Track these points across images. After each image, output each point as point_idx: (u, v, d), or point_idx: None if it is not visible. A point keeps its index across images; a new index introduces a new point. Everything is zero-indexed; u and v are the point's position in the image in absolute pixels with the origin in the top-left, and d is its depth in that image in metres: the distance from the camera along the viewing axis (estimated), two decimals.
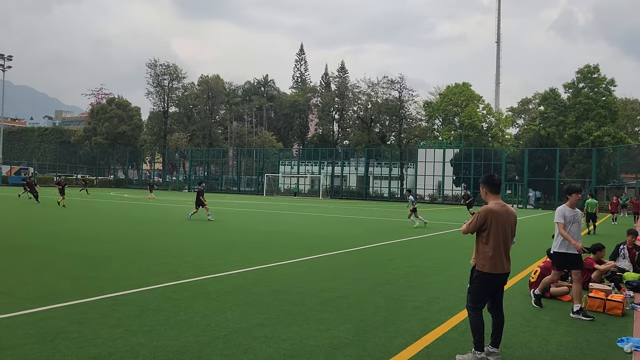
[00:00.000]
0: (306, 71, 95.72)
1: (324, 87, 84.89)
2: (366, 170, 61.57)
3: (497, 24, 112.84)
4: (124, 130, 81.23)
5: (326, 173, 63.71)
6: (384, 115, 69.53)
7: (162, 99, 79.47)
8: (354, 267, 10.11)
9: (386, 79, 67.46)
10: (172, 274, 8.59)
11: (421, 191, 56.58)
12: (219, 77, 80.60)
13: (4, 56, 61.71)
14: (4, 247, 11.29)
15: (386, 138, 72.30)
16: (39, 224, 16.82)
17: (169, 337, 5.22)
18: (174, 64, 79.87)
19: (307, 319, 6.11)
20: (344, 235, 16.66)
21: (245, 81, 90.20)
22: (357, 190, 61.46)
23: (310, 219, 23.61)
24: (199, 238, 14.26)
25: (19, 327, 5.37)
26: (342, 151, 66.16)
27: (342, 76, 78.75)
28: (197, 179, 73.85)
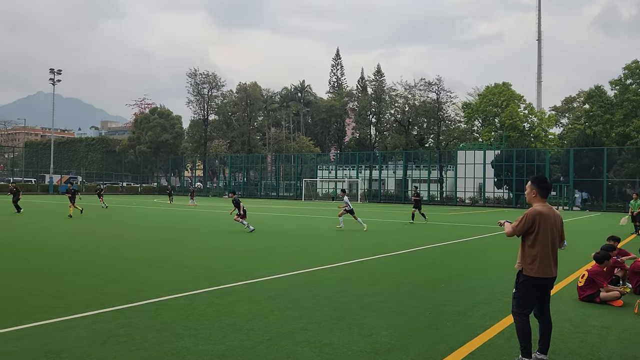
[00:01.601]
0: (342, 76, 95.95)
1: (360, 91, 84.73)
2: (404, 173, 61.02)
3: (538, 21, 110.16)
4: (166, 138, 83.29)
5: (364, 177, 63.46)
6: (422, 117, 68.78)
7: (202, 107, 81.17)
8: (395, 272, 10.04)
9: (423, 81, 66.82)
10: (214, 279, 8.74)
11: (462, 194, 55.62)
12: (256, 84, 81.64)
13: (54, 70, 64.33)
14: (54, 252, 11.74)
15: (424, 140, 71.48)
16: (84, 230, 17.41)
17: (214, 341, 5.32)
18: (213, 73, 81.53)
19: (349, 323, 6.11)
20: (384, 239, 16.56)
21: (282, 87, 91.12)
22: (396, 194, 60.95)
23: (349, 223, 23.55)
24: (239, 243, 14.45)
25: (72, 330, 5.58)
26: (380, 155, 65.75)
27: (378, 79, 78.40)
28: (237, 185, 74.99)
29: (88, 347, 5.04)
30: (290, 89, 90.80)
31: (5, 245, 13.12)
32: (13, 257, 10.98)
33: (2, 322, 5.82)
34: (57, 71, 64.58)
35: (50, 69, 64.26)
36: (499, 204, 52.38)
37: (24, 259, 10.71)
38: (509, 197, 53.13)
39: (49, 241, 14.05)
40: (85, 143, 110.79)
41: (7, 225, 18.77)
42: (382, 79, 79.17)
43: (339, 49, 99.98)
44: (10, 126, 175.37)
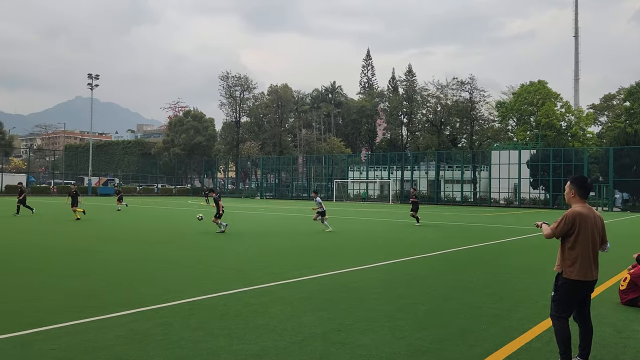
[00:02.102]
0: (373, 76, 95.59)
1: (391, 91, 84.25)
2: (437, 174, 60.32)
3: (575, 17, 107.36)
4: (199, 141, 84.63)
5: (395, 178, 63.04)
6: (454, 117, 67.88)
7: (234, 110, 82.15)
8: (429, 273, 9.92)
9: (455, 81, 65.95)
10: (247, 280, 8.81)
11: (496, 194, 54.60)
12: (287, 86, 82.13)
13: (92, 75, 66.18)
14: (87, 252, 12.05)
15: (457, 140, 70.51)
16: (117, 230, 17.82)
17: (248, 340, 5.36)
18: (244, 76, 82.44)
19: (383, 325, 6.06)
20: (417, 240, 16.39)
21: (313, 89, 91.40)
22: (428, 195, 60.28)
23: (381, 224, 23.43)
24: (271, 244, 14.53)
25: (110, 329, 5.71)
26: (412, 155, 65.18)
27: (409, 79, 77.80)
28: (269, 186, 75.53)
29: (126, 345, 5.14)
30: (321, 90, 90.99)
31: (41, 245, 13.54)
32: (47, 257, 11.32)
33: (41, 320, 6.00)
34: (94, 76, 66.38)
35: (89, 74, 66.10)
36: (535, 205, 51.20)
37: (58, 259, 11.03)
38: (546, 198, 51.87)
39: (83, 241, 14.42)
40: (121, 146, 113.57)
41: (43, 226, 19.37)
42: (413, 78, 78.57)
43: (370, 49, 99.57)
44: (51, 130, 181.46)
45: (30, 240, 14.49)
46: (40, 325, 5.78)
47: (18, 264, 10.29)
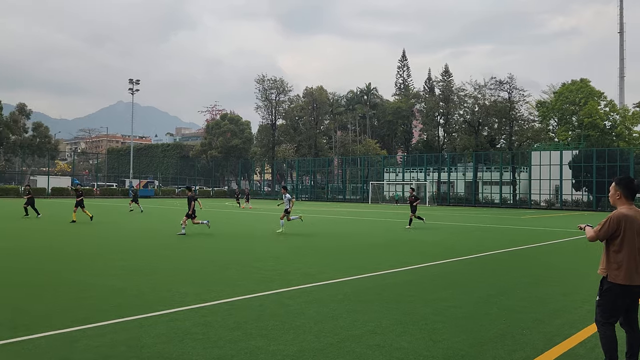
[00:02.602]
0: (409, 77, 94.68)
1: (427, 92, 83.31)
2: (475, 175, 59.27)
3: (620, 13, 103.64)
4: (236, 143, 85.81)
5: (432, 179, 62.29)
6: (493, 117, 66.53)
7: (270, 112, 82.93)
8: (467, 276, 9.77)
9: (494, 80, 64.67)
10: (283, 281, 8.88)
11: (536, 196, 53.25)
12: (322, 88, 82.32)
13: (132, 81, 68.10)
14: (131, 252, 12.38)
15: (495, 141, 69.07)
16: (155, 231, 18.23)
17: (285, 341, 5.41)
18: (280, 79, 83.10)
19: (420, 328, 6.01)
20: (454, 243, 16.16)
21: (348, 90, 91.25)
22: (466, 197, 59.31)
23: (418, 226, 23.19)
24: (307, 246, 14.60)
25: (152, 327, 5.86)
26: (449, 156, 64.27)
27: (446, 80, 76.73)
28: (304, 188, 75.85)
29: (167, 343, 5.27)
30: (356, 92, 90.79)
31: (88, 244, 13.99)
32: (92, 256, 11.68)
33: (87, 318, 6.21)
34: (135, 81, 68.26)
35: (130, 80, 68.04)
36: (578, 207, 49.68)
37: (103, 258, 11.37)
38: (589, 200, 50.27)
39: (126, 241, 14.83)
40: (161, 149, 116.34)
41: (88, 227, 20.00)
42: (450, 79, 77.46)
43: (405, 50, 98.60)
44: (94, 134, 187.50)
45: (76, 240, 15.00)
46: (86, 322, 5.98)
47: (65, 263, 10.68)
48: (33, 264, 10.45)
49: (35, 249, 13.05)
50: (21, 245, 13.73)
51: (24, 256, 11.63)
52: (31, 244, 14.08)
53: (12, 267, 10.06)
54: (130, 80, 68.05)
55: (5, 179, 78.40)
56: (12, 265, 10.30)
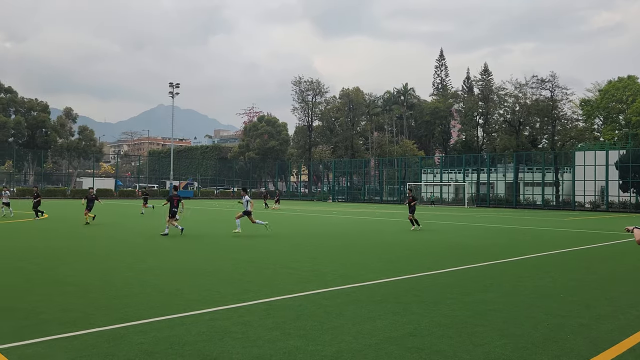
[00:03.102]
0: (447, 77, 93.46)
1: (466, 91, 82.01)
2: (515, 176, 57.91)
3: None
4: (273, 145, 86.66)
5: (471, 180, 61.22)
6: (534, 117, 64.88)
7: (307, 114, 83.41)
8: (507, 279, 9.56)
9: (535, 79, 63.07)
10: (321, 282, 8.91)
11: (580, 197, 51.58)
12: (359, 89, 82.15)
13: (173, 84, 69.70)
14: (173, 252, 12.66)
15: (537, 141, 67.32)
16: (195, 231, 18.57)
17: (323, 342, 5.42)
18: (316, 80, 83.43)
19: (459, 331, 5.92)
20: (494, 245, 15.84)
21: (385, 91, 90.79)
22: (506, 198, 58.01)
23: (456, 228, 22.84)
24: (343, 247, 14.59)
25: (192, 325, 5.98)
26: (488, 157, 63.01)
27: (485, 79, 75.30)
28: (340, 189, 75.82)
29: (207, 342, 5.37)
30: (393, 93, 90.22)
31: (129, 244, 14.40)
32: (134, 255, 12.00)
33: (130, 316, 6.39)
34: (175, 85, 69.79)
35: (170, 83, 69.60)
36: (625, 209, 47.86)
37: (145, 257, 11.67)
38: (637, 201, 48.35)
39: (167, 241, 15.17)
40: (200, 151, 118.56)
41: (130, 227, 20.55)
42: (489, 78, 76.00)
43: (443, 49, 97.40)
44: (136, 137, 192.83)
45: (118, 240, 15.45)
46: (129, 320, 6.16)
47: (108, 262, 11.01)
48: (79, 264, 10.82)
49: (80, 248, 13.52)
50: (68, 245, 14.25)
51: (71, 255, 12.07)
52: (76, 243, 14.59)
53: (60, 266, 10.45)
54: (170, 83, 69.63)
55: (53, 181, 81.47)
56: (59, 264, 10.69)
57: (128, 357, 4.88)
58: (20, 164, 79.83)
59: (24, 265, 10.42)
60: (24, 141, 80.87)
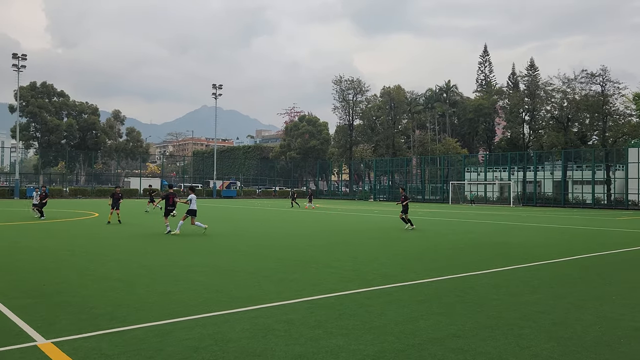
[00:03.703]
0: (491, 73, 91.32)
1: (511, 87, 79.87)
2: (564, 174, 56.02)
3: None
4: (314, 144, 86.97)
5: (517, 179, 59.60)
6: (584, 112, 62.53)
7: (347, 113, 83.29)
8: (556, 280, 9.27)
9: (584, 73, 60.77)
10: (362, 281, 8.88)
11: (634, 196, 49.43)
12: (400, 87, 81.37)
13: (216, 86, 71.00)
14: (212, 251, 12.90)
15: (587, 138, 64.87)
16: (239, 230, 18.85)
17: (366, 341, 5.41)
18: (357, 79, 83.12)
19: (505, 333, 5.78)
20: (542, 245, 15.38)
21: (427, 89, 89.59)
22: (554, 197, 56.20)
23: (502, 227, 22.31)
24: (383, 246, 14.50)
25: (236, 322, 6.08)
26: (535, 154, 61.20)
27: (531, 74, 73.14)
28: (382, 188, 75.34)
29: (251, 339, 5.45)
30: (435, 90, 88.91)
31: (174, 243, 14.75)
32: (181, 254, 12.30)
33: (177, 312, 6.56)
34: (218, 86, 71.06)
35: (213, 85, 70.91)
36: None
37: (190, 256, 11.93)
38: None
39: (212, 240, 15.47)
40: (242, 151, 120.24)
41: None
42: (535, 73, 73.83)
43: (487, 45, 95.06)
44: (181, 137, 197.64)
45: (160, 237, 15.87)
46: (175, 316, 6.33)
47: (156, 260, 11.33)
48: (126, 261, 11.18)
49: (126, 246, 13.96)
50: (115, 242, 14.75)
51: (119, 253, 12.49)
52: (122, 241, 15.08)
53: (109, 262, 10.83)
54: (214, 85, 70.93)
55: (102, 181, 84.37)
56: (108, 260, 11.08)
57: (175, 352, 5.02)
58: (72, 164, 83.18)
59: (77, 261, 10.85)
60: (76, 143, 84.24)
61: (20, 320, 6.09)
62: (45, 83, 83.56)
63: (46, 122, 79.94)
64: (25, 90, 76.95)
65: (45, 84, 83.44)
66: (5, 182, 78.72)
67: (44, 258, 11.34)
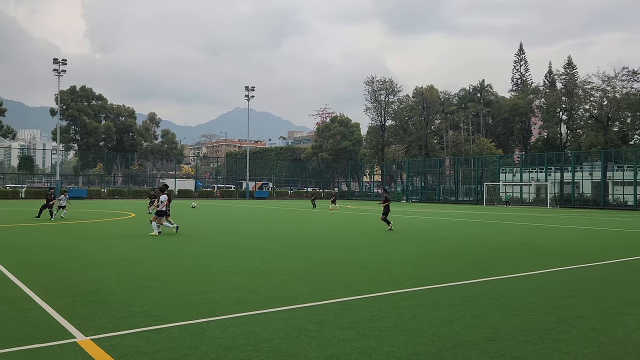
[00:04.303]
0: (527, 72, 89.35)
1: (547, 86, 78.00)
2: (603, 175, 54.34)
3: None
4: (345, 145, 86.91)
5: (554, 180, 58.14)
6: (625, 111, 60.58)
7: (379, 113, 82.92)
8: (595, 284, 8.99)
9: (625, 70, 58.90)
10: (395, 283, 8.82)
11: None
12: (432, 87, 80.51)
13: (248, 87, 71.78)
14: (247, 251, 13.02)
15: (628, 137, 62.77)
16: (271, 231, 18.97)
17: (399, 343, 5.37)
18: (389, 79, 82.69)
19: (543, 337, 5.64)
20: (581, 247, 14.96)
21: (460, 89, 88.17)
22: (593, 198, 54.57)
23: (539, 229, 21.80)
24: (416, 247, 14.36)
25: (269, 322, 6.12)
26: (573, 155, 59.58)
27: (569, 72, 71.25)
28: (414, 189, 74.67)
29: (283, 339, 5.48)
30: (469, 90, 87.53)
31: (210, 244, 14.96)
32: (215, 254, 12.45)
33: (211, 311, 6.65)
34: (250, 88, 71.78)
35: (246, 87, 71.68)
36: None
37: (224, 256, 12.08)
38: None
39: (244, 239, 15.62)
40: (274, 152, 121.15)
41: (211, 225, 21.34)
42: (573, 71, 71.87)
43: (522, 43, 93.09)
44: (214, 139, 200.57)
45: (199, 240, 16.12)
46: (210, 315, 6.41)
47: (190, 260, 11.52)
48: (161, 260, 11.40)
49: (160, 245, 14.23)
50: (150, 242, 15.05)
51: (154, 252, 12.74)
52: (156, 241, 15.37)
53: (146, 261, 11.06)
54: (246, 87, 71.69)
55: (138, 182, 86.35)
56: (145, 259, 11.32)
57: (209, 350, 5.08)
58: (109, 166, 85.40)
59: (115, 261, 11.13)
60: (113, 145, 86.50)
61: (61, 317, 6.28)
62: (84, 87, 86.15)
63: (85, 125, 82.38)
64: (65, 94, 79.46)
65: (85, 88, 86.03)
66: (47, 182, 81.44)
67: (83, 257, 11.69)
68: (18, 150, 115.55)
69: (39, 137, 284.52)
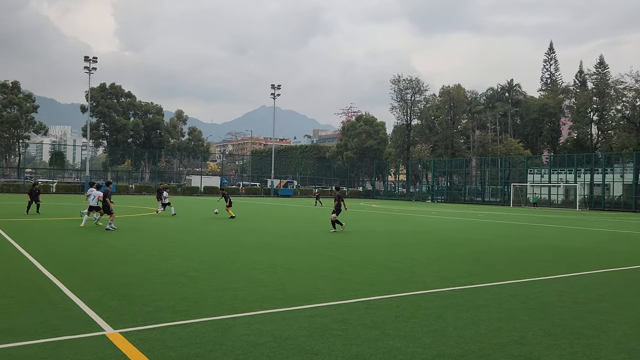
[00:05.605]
0: (556, 71, 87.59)
1: (578, 86, 76.29)
2: (635, 177, 52.89)
3: None
4: (371, 144, 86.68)
5: (583, 182, 56.87)
6: None
7: (405, 113, 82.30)
8: (626, 289, 8.78)
9: None
10: (420, 283, 8.76)
11: None
12: (460, 86, 79.56)
13: (274, 86, 72.14)
14: (272, 249, 13.09)
15: None
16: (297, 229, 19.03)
17: (423, 344, 5.33)
18: (415, 78, 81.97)
19: (571, 342, 5.54)
20: (612, 251, 14.60)
21: (488, 88, 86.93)
22: (624, 201, 53.20)
23: (567, 232, 21.36)
24: (441, 248, 14.22)
25: (294, 320, 6.15)
26: (603, 156, 58.16)
27: (600, 72, 69.55)
28: (440, 189, 73.96)
29: (308, 337, 5.50)
30: (497, 89, 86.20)
31: (234, 241, 15.09)
32: (240, 251, 12.56)
33: (237, 308, 6.71)
34: (277, 86, 72.12)
35: (271, 85, 72.09)
36: None
37: (249, 253, 12.17)
38: None
39: (270, 237, 15.71)
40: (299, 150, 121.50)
41: (236, 223, 21.54)
42: (605, 71, 70.15)
43: (552, 42, 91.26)
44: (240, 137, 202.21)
45: (224, 237, 16.29)
46: (235, 312, 6.48)
47: (216, 256, 11.65)
48: (188, 256, 11.56)
49: (187, 241, 14.42)
50: (179, 237, 15.27)
51: (181, 249, 12.93)
52: (184, 237, 15.58)
53: (173, 257, 11.23)
54: (272, 85, 72.06)
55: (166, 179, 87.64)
56: (172, 255, 11.49)
57: (234, 347, 5.13)
58: (137, 162, 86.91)
59: (143, 256, 11.33)
60: (141, 142, 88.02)
61: (91, 310, 6.42)
62: (113, 84, 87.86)
63: (114, 122, 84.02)
64: (95, 91, 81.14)
65: (114, 85, 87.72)
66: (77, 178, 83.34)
67: (112, 252, 11.94)
68: (50, 146, 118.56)
69: (69, 133, 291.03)
